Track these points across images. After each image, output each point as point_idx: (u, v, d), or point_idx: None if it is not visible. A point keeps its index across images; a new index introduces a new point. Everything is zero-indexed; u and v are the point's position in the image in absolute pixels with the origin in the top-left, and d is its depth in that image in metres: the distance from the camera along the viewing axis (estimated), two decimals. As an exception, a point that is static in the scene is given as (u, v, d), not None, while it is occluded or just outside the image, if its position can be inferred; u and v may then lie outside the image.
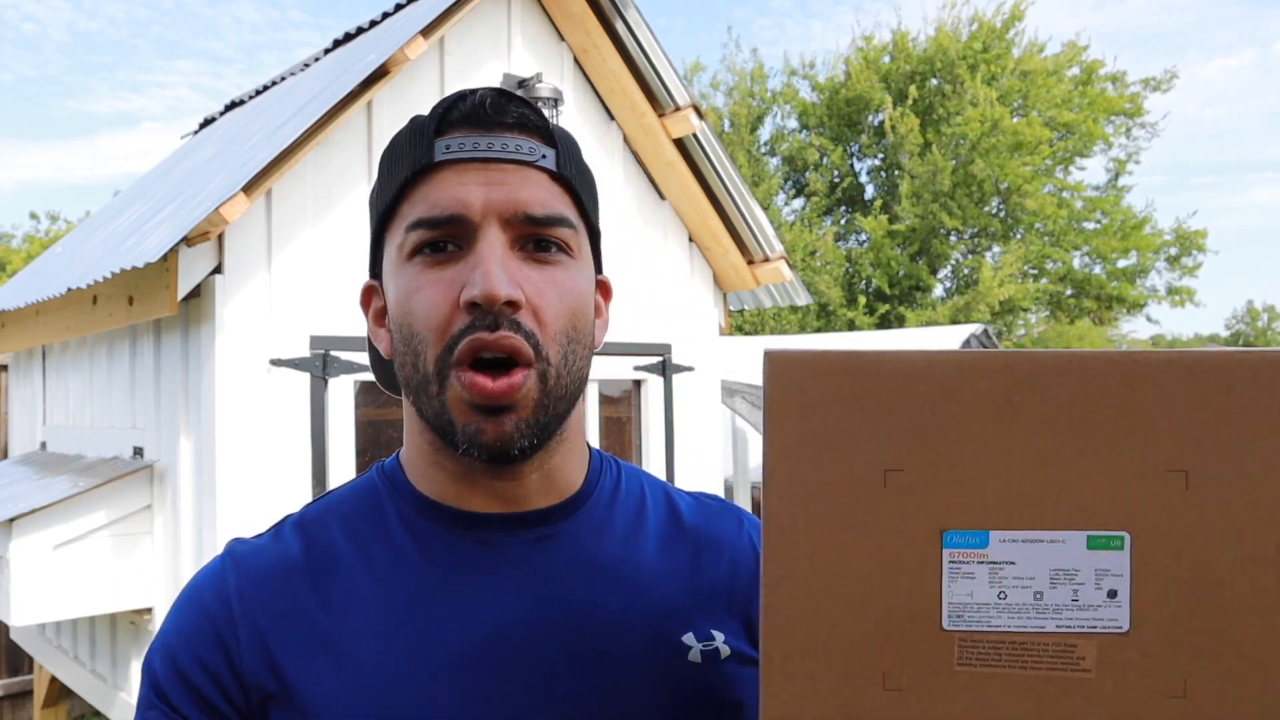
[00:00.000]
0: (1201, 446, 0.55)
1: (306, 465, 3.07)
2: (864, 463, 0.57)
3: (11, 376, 5.16)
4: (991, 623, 0.56)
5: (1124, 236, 14.73)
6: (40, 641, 4.43)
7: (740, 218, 4.28)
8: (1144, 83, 14.97)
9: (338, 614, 0.67)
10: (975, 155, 13.73)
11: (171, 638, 0.69)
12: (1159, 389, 0.55)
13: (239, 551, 0.72)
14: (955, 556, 0.56)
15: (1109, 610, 0.55)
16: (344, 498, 0.76)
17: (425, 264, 0.67)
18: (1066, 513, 0.55)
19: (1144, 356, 0.56)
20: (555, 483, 0.73)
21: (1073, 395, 0.56)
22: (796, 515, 0.58)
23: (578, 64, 3.99)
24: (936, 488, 0.56)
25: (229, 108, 6.21)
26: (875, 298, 14.74)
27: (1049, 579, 0.55)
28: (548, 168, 0.69)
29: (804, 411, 0.58)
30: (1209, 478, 0.55)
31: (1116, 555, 0.55)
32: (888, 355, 0.58)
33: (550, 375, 0.67)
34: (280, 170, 2.85)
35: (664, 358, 4.16)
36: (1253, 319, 26.10)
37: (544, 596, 0.69)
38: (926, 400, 0.56)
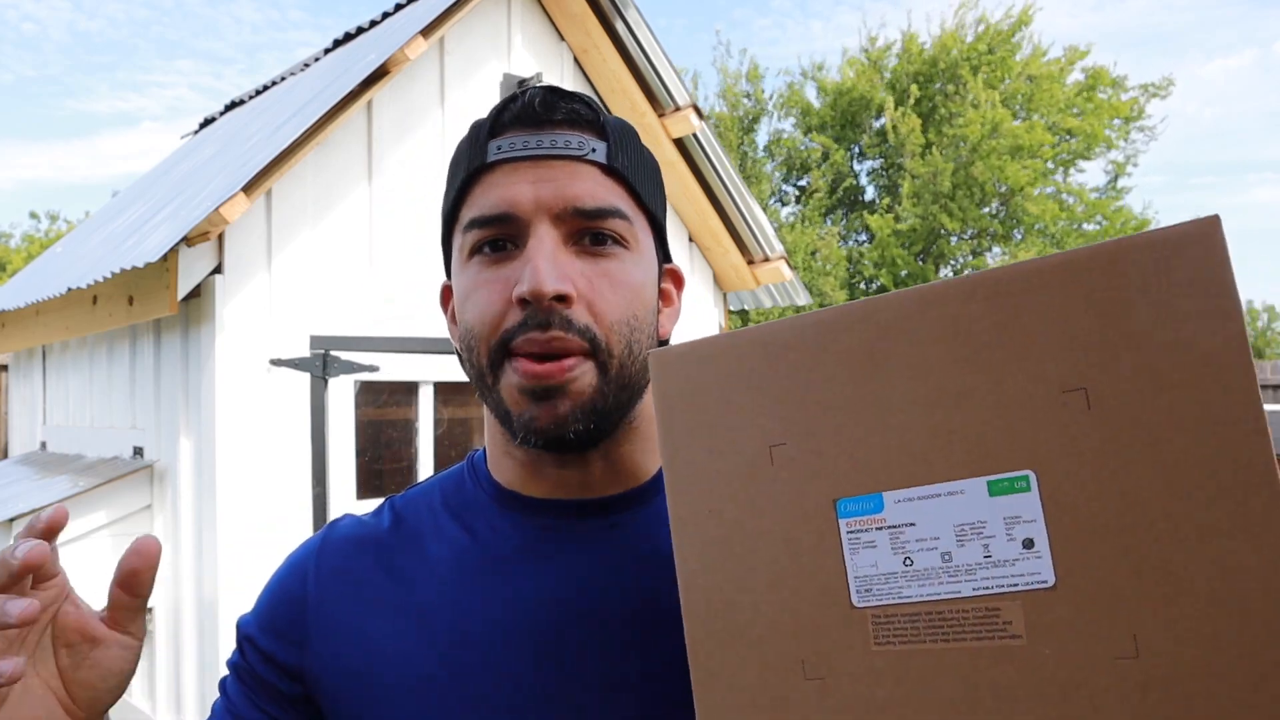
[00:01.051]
0: (1097, 358, 0.46)
1: (306, 465, 3.07)
2: (749, 442, 0.54)
3: (11, 376, 5.16)
4: (902, 594, 0.50)
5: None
6: (40, 641, 4.43)
7: (740, 218, 4.28)
8: (1143, 88, 14.98)
9: (402, 585, 0.71)
10: (975, 158, 13.73)
11: (261, 600, 0.77)
12: (1034, 304, 0.48)
13: (337, 525, 0.78)
14: (852, 526, 0.51)
15: (1028, 563, 0.47)
16: (438, 482, 0.80)
17: (483, 263, 0.69)
18: (960, 460, 0.49)
19: (1010, 270, 0.48)
20: (622, 471, 0.73)
21: (940, 331, 0.50)
22: (697, 506, 0.55)
23: (578, 64, 3.99)
24: (821, 456, 0.52)
25: (229, 108, 6.22)
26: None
27: (955, 536, 0.49)
28: (598, 161, 0.69)
29: (688, 401, 0.56)
30: (1112, 391, 0.46)
31: (1024, 498, 0.48)
32: (759, 329, 0.54)
33: (611, 365, 0.67)
34: (280, 170, 2.85)
35: (664, 358, 4.17)
36: (1253, 319, 26.14)
37: (604, 584, 0.70)
38: (797, 367, 0.53)
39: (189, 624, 3.11)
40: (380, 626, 0.70)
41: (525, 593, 0.69)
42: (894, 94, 14.98)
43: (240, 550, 2.90)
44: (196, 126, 6.59)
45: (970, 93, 13.88)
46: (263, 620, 0.75)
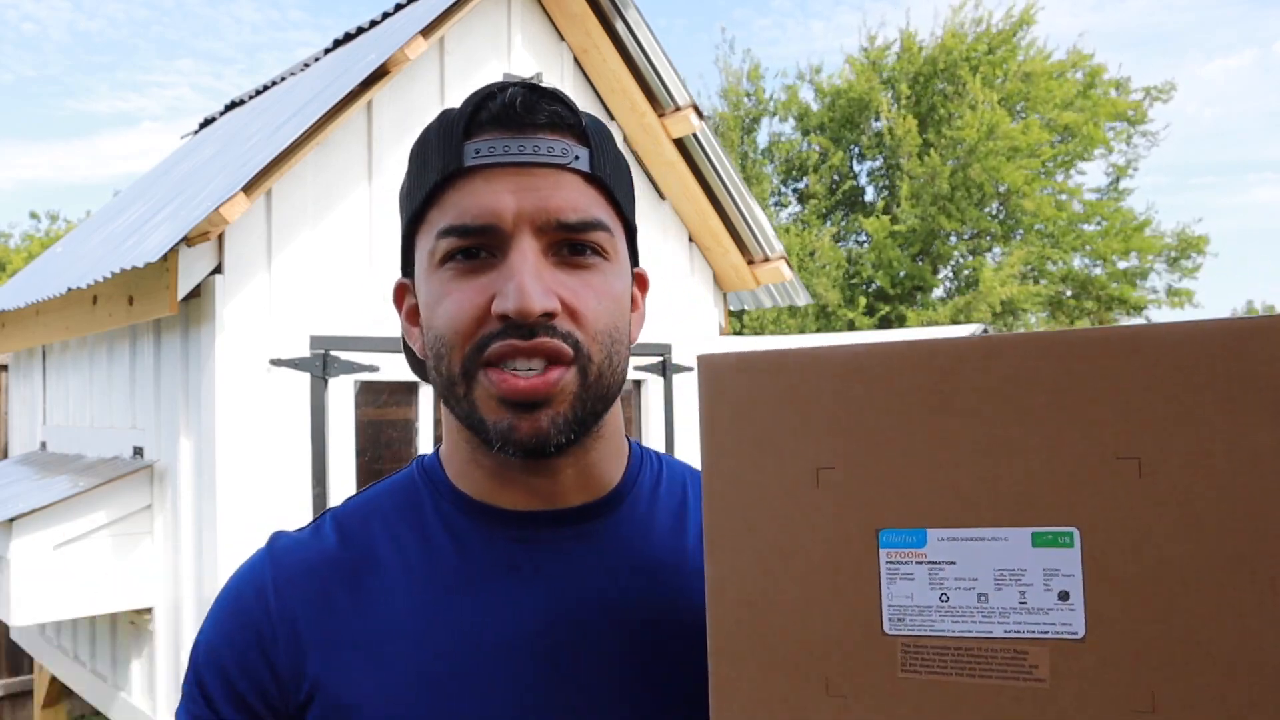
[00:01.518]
0: (1153, 430, 0.48)
1: (306, 465, 3.07)
2: (796, 462, 0.55)
3: (11, 376, 5.16)
4: (934, 627, 0.52)
5: (1125, 238, 14.74)
6: (40, 641, 4.43)
7: (740, 218, 4.28)
8: (1145, 91, 14.98)
9: (372, 611, 0.68)
10: (973, 160, 13.73)
11: (213, 632, 0.70)
12: (1100, 369, 0.49)
13: (279, 545, 0.72)
14: (892, 556, 0.53)
15: (1061, 614, 0.49)
16: (384, 493, 0.76)
17: (456, 270, 0.66)
18: (1008, 508, 0.51)
19: (1079, 335, 0.50)
20: (592, 479, 0.72)
21: (1004, 382, 0.51)
22: (735, 518, 0.56)
23: (578, 64, 3.99)
24: (869, 485, 0.53)
25: (229, 108, 6.22)
26: (876, 298, 14.74)
27: (993, 580, 0.51)
28: (581, 169, 0.67)
29: (736, 413, 0.56)
30: (1164, 464, 0.48)
31: (1066, 553, 0.50)
32: (816, 351, 0.55)
33: (591, 371, 0.66)
34: (280, 170, 2.85)
35: (664, 358, 4.16)
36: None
37: (583, 594, 0.69)
38: (854, 395, 0.54)
39: (189, 624, 3.11)
40: (356, 654, 0.66)
41: (509, 609, 0.67)
42: (892, 95, 14.97)
43: (240, 550, 2.89)
44: (196, 126, 6.59)
45: (969, 93, 13.87)
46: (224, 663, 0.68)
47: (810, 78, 16.20)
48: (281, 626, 0.67)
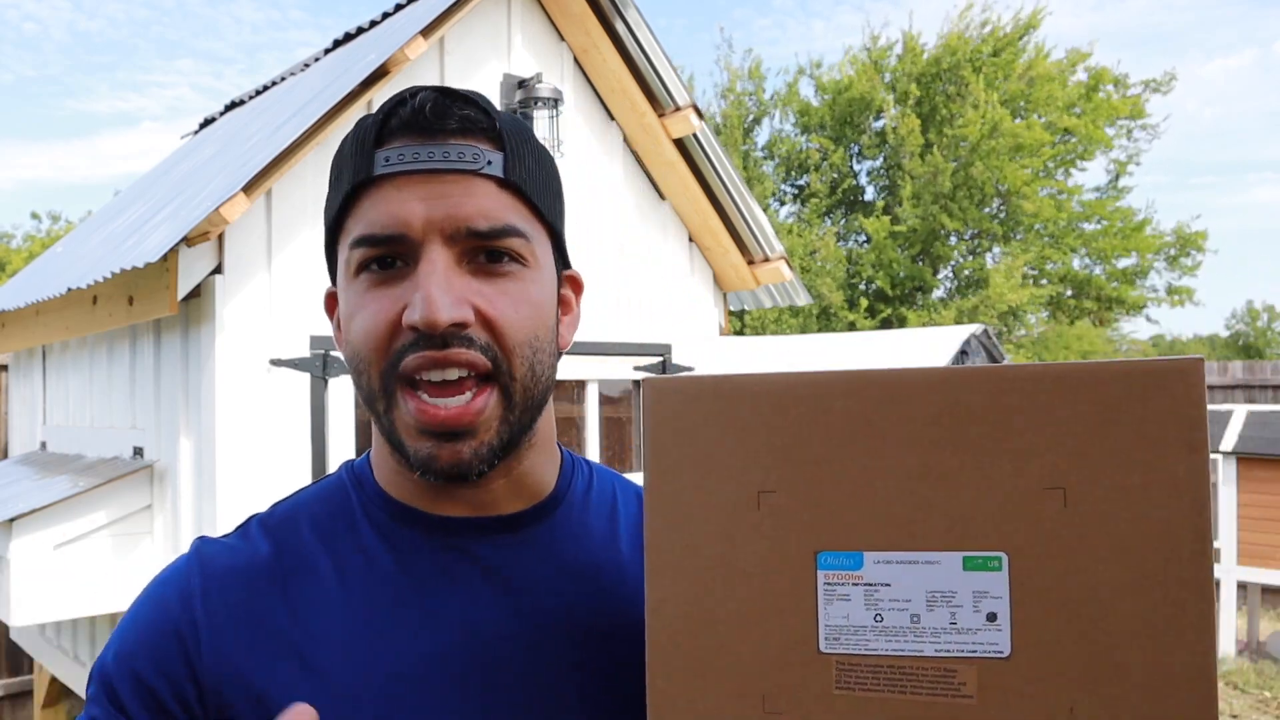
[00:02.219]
0: (1079, 462, 0.52)
1: (306, 465, 3.07)
2: (738, 485, 0.57)
3: (11, 376, 5.16)
4: (869, 646, 0.54)
5: (1125, 237, 14.73)
6: (40, 641, 4.43)
7: (740, 218, 4.28)
8: (1144, 84, 14.96)
9: (305, 619, 0.65)
10: (975, 158, 13.72)
11: (129, 636, 0.66)
12: (1031, 403, 0.53)
13: (206, 551, 0.69)
14: (830, 578, 0.55)
15: (989, 634, 0.53)
16: (313, 497, 0.73)
17: (370, 281, 0.65)
18: (941, 533, 0.54)
19: (1012, 370, 0.54)
20: (525, 487, 0.71)
21: (939, 412, 0.54)
22: (676, 538, 0.58)
23: (578, 64, 3.99)
24: (808, 509, 0.56)
25: (229, 108, 6.21)
26: (877, 299, 14.74)
27: (925, 601, 0.54)
28: (494, 174, 0.65)
29: (680, 436, 0.58)
30: (1088, 494, 0.52)
31: (994, 576, 0.53)
32: (757, 378, 0.57)
33: (515, 390, 0.64)
34: (280, 170, 2.85)
35: (664, 358, 4.16)
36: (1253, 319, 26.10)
37: (519, 602, 0.68)
38: (794, 421, 0.56)
39: (189, 624, 3.11)
40: (290, 662, 0.64)
41: (447, 617, 0.66)
42: (894, 94, 14.97)
43: (240, 550, 2.89)
44: (196, 127, 6.59)
45: (972, 94, 13.86)
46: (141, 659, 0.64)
47: (810, 72, 16.18)
48: (207, 632, 0.64)
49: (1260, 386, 7.96)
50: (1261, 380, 7.97)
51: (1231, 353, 24.44)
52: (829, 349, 7.30)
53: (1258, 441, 5.63)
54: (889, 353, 6.58)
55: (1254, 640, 6.04)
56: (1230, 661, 5.63)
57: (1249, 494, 5.65)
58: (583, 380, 3.95)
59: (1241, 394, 8.03)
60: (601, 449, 3.99)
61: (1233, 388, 8.08)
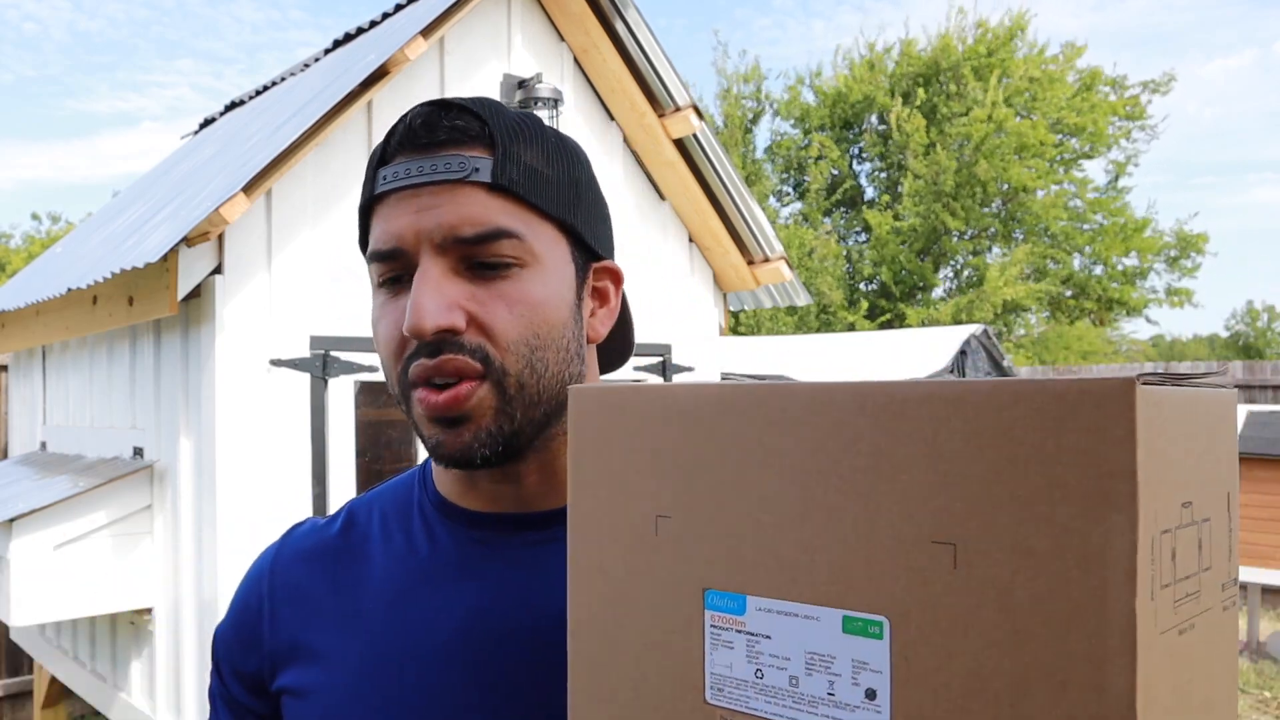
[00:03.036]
0: (973, 511, 0.41)
1: (306, 465, 3.07)
2: (640, 507, 0.52)
3: (11, 376, 5.16)
4: (749, 704, 0.48)
5: (1125, 238, 14.73)
6: (40, 641, 4.43)
7: (740, 218, 4.28)
8: (1143, 85, 14.96)
9: (344, 597, 0.72)
10: (979, 156, 13.72)
11: (230, 611, 0.79)
12: (919, 432, 0.43)
13: (290, 534, 0.79)
14: (715, 621, 0.49)
15: (867, 714, 0.44)
16: (391, 487, 0.81)
17: (387, 294, 0.69)
18: (822, 584, 0.46)
19: (901, 390, 0.44)
20: (559, 483, 0.73)
21: (823, 438, 0.46)
22: (592, 557, 0.55)
23: (578, 64, 3.99)
24: (700, 539, 0.50)
25: (229, 108, 6.21)
26: (878, 296, 14.74)
27: (805, 663, 0.47)
28: (481, 180, 0.66)
29: (598, 449, 0.54)
30: (981, 555, 0.41)
31: (875, 645, 0.44)
32: (666, 390, 0.52)
33: (509, 384, 0.66)
34: (280, 170, 2.85)
35: (664, 358, 4.16)
36: (1253, 319, 26.08)
37: (534, 599, 0.69)
38: (692, 440, 0.50)
39: (189, 624, 3.11)
40: (320, 641, 0.72)
41: (453, 607, 0.69)
42: (897, 95, 14.96)
43: (240, 550, 2.89)
44: (196, 127, 6.59)
45: (973, 91, 13.86)
46: (229, 639, 0.77)
47: (810, 82, 16.20)
48: (268, 606, 0.75)
49: (1260, 386, 7.96)
50: (1261, 380, 7.97)
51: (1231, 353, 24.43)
52: (828, 349, 7.30)
53: (1258, 441, 5.63)
54: (888, 353, 6.57)
55: (1254, 640, 6.04)
56: (1230, 661, 5.63)
57: (1249, 494, 5.65)
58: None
59: (1241, 394, 8.03)
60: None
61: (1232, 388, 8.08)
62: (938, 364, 6.01)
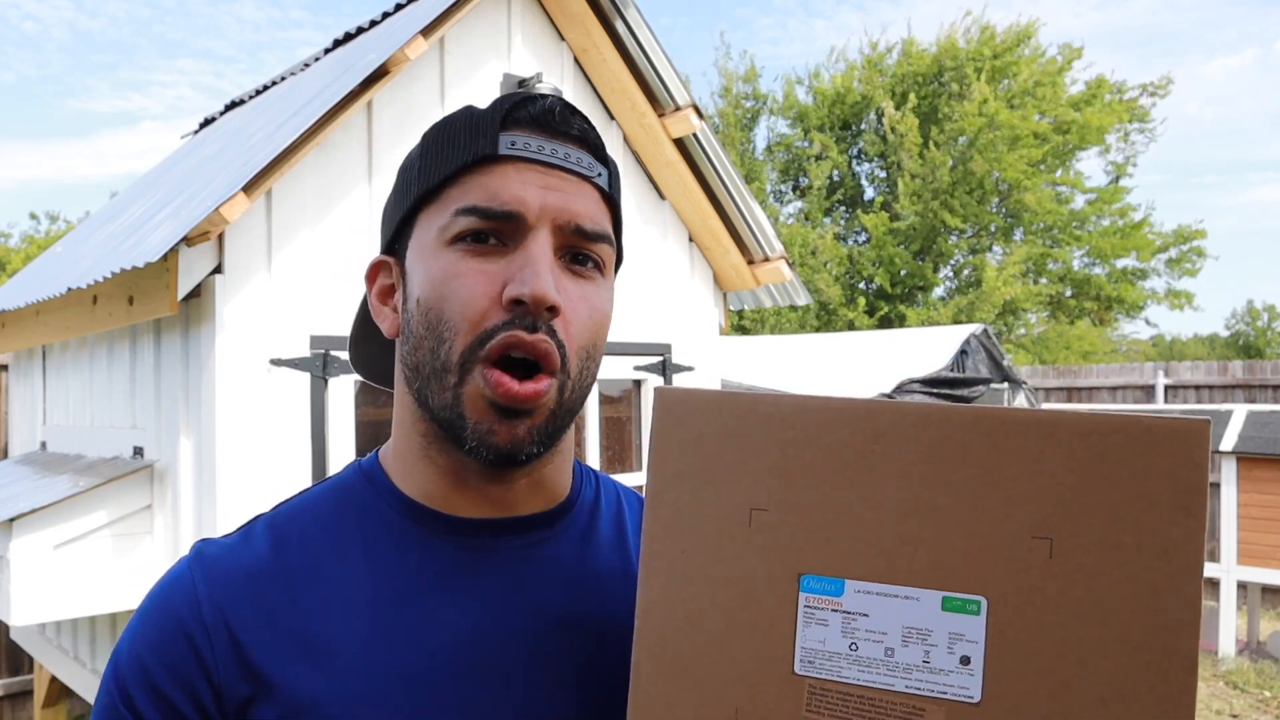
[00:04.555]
0: (1068, 513, 0.51)
1: (307, 465, 3.07)
2: (733, 500, 0.58)
3: (11, 376, 5.16)
4: (841, 673, 0.54)
5: (1124, 236, 14.72)
6: (40, 641, 4.43)
7: (740, 218, 4.28)
8: (1142, 88, 14.96)
9: (315, 617, 0.66)
10: (974, 151, 13.71)
11: (140, 644, 0.66)
12: (1024, 449, 0.52)
13: (207, 553, 0.69)
14: (810, 602, 0.55)
15: (960, 677, 0.52)
16: (319, 496, 0.74)
17: (466, 251, 0.66)
18: (923, 569, 0.53)
19: (1010, 414, 0.53)
20: (544, 489, 0.73)
21: (933, 449, 0.54)
22: (671, 544, 0.59)
23: (578, 64, 3.99)
24: (797, 530, 0.56)
25: (229, 107, 6.21)
26: (876, 296, 14.74)
27: (901, 636, 0.53)
28: (601, 185, 0.70)
29: (684, 446, 0.59)
30: (1075, 547, 0.51)
31: (972, 620, 0.52)
32: (764, 398, 0.58)
33: (568, 387, 0.67)
34: (280, 170, 2.85)
35: (664, 358, 4.16)
36: (1253, 319, 26.08)
37: (530, 605, 0.68)
38: (792, 444, 0.57)
39: (189, 624, 3.10)
40: (305, 659, 0.64)
41: (455, 617, 0.67)
42: (894, 97, 14.97)
43: (240, 550, 2.89)
44: (196, 126, 6.59)
45: (974, 91, 13.86)
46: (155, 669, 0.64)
47: (810, 82, 16.21)
48: (216, 632, 0.65)
49: (1260, 386, 7.95)
50: (1261, 380, 7.96)
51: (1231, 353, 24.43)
52: (828, 349, 7.30)
53: (1258, 441, 5.63)
54: (888, 352, 6.57)
55: (1254, 640, 6.04)
56: (1230, 661, 5.63)
57: (1249, 494, 5.65)
58: (583, 380, 3.94)
59: (1241, 394, 8.02)
60: (601, 449, 3.99)
61: (1233, 388, 8.07)
62: (938, 364, 6.01)
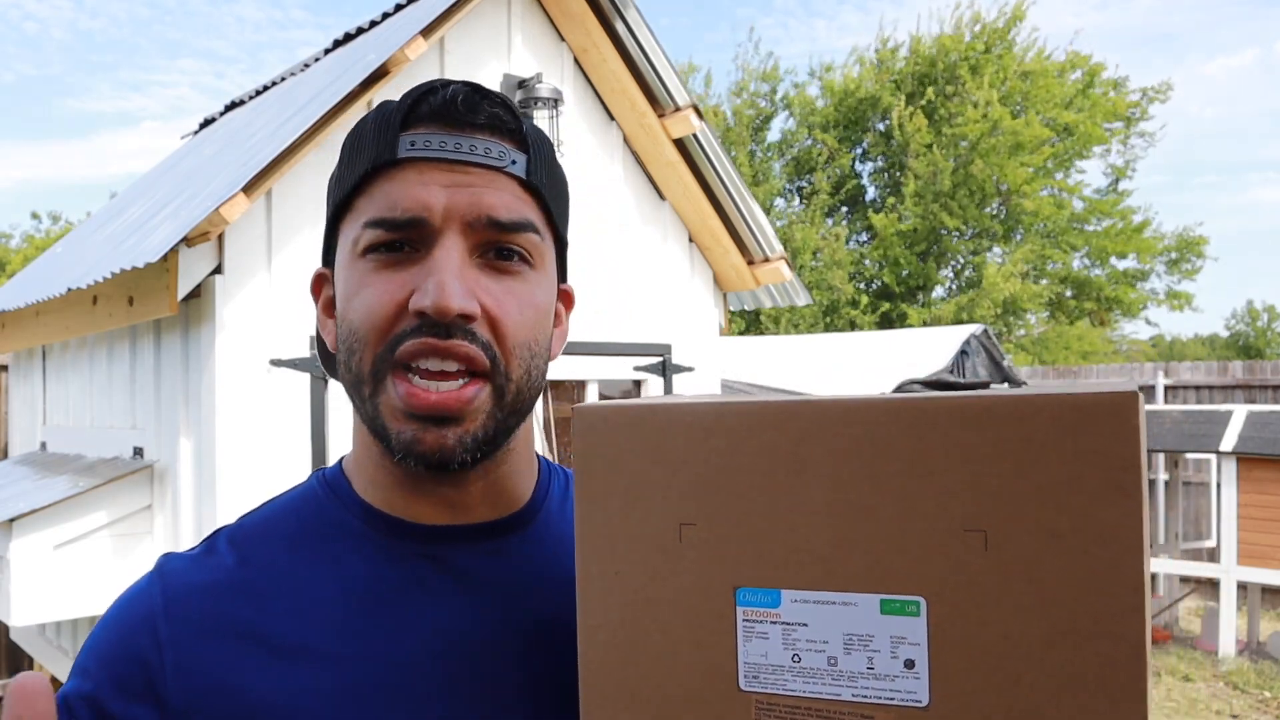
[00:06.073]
0: (1001, 503, 0.49)
1: (306, 465, 3.07)
2: (661, 517, 0.56)
3: (11, 376, 5.16)
4: (787, 686, 0.53)
5: (1125, 238, 14.72)
6: (40, 641, 4.43)
7: (740, 218, 4.28)
8: (1142, 91, 14.95)
9: (280, 629, 0.64)
10: (975, 155, 13.72)
11: (93, 662, 0.65)
12: (950, 438, 0.50)
13: (168, 569, 0.68)
14: (748, 615, 0.54)
15: (906, 682, 0.51)
16: (282, 508, 0.72)
17: (377, 263, 0.64)
18: (858, 573, 0.52)
19: (931, 404, 0.50)
20: (503, 494, 0.71)
21: (858, 446, 0.51)
22: (605, 567, 0.58)
23: (578, 64, 3.99)
24: (729, 543, 0.54)
25: (229, 107, 6.21)
26: (878, 296, 14.74)
27: (843, 644, 0.52)
28: (517, 174, 0.65)
29: (608, 465, 0.58)
30: (1010, 539, 0.48)
31: (912, 621, 0.50)
32: (683, 407, 0.56)
33: (509, 390, 0.64)
34: (280, 170, 2.85)
35: (664, 358, 4.16)
36: (1253, 319, 26.08)
37: (494, 611, 0.67)
38: (717, 453, 0.55)
39: (189, 624, 3.11)
40: (271, 677, 0.63)
41: (421, 629, 0.65)
42: (901, 95, 14.97)
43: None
44: (197, 126, 6.59)
45: (971, 92, 13.86)
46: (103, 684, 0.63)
47: (820, 75, 16.20)
48: (171, 651, 0.63)
49: (1260, 386, 7.95)
50: (1261, 380, 7.96)
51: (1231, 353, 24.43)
52: (828, 349, 7.30)
53: (1258, 441, 5.63)
54: (888, 353, 6.57)
55: (1254, 640, 6.04)
56: (1230, 661, 5.63)
57: (1249, 494, 5.65)
58: (583, 380, 3.94)
59: (1241, 394, 8.02)
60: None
61: (1233, 388, 8.07)
62: (938, 364, 6.01)
